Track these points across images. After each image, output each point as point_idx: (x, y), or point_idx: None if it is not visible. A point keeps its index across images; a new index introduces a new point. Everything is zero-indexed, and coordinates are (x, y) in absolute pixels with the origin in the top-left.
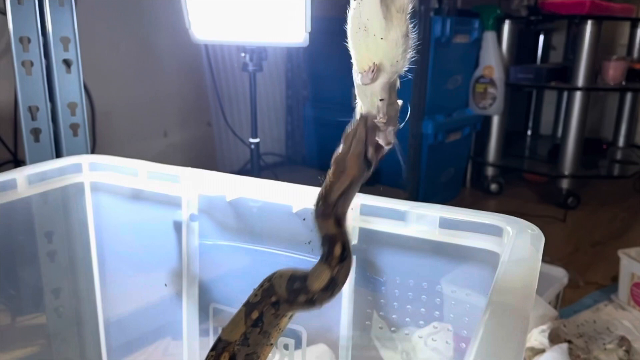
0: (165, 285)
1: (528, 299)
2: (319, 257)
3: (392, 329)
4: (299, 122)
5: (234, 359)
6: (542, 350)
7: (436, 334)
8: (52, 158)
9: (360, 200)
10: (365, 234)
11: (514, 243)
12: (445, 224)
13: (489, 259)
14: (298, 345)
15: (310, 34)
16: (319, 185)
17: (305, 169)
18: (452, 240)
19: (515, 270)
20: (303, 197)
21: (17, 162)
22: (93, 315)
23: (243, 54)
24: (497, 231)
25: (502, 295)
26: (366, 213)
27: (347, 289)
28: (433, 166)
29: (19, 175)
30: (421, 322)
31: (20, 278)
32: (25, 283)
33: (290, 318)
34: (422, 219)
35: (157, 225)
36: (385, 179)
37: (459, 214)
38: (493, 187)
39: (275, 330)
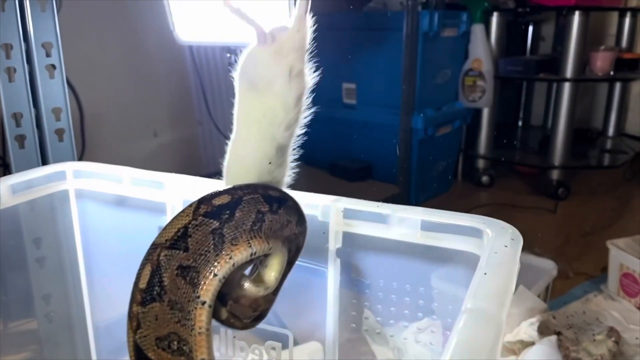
0: None
1: (503, 305)
2: (307, 262)
3: (377, 331)
4: None
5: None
6: (532, 343)
7: (419, 335)
8: (38, 164)
9: (343, 204)
10: (348, 237)
11: (493, 246)
12: (426, 226)
13: (470, 261)
14: (285, 348)
15: None
16: (309, 183)
17: (297, 165)
18: (434, 243)
19: (492, 276)
20: None
21: (6, 165)
22: (82, 320)
23: (229, 55)
24: (477, 233)
25: (476, 302)
26: (349, 217)
27: (332, 292)
28: (424, 160)
29: (2, 186)
30: (405, 324)
31: (10, 284)
32: (16, 289)
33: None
34: (404, 222)
35: (142, 231)
36: (376, 174)
37: (440, 217)
38: (484, 179)
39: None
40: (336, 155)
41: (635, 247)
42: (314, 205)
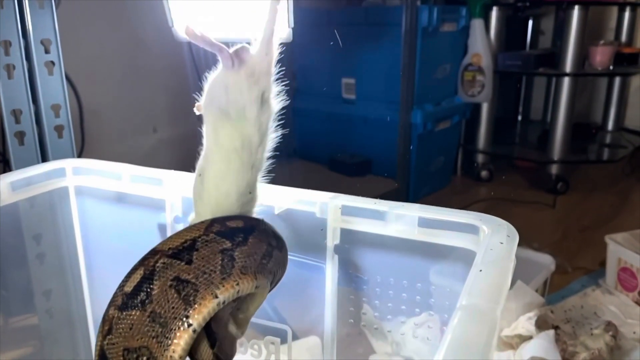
0: None
1: (498, 302)
2: (305, 258)
3: (375, 326)
4: (288, 114)
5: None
6: (530, 337)
7: (417, 330)
8: (38, 161)
9: (340, 201)
10: (346, 234)
11: (489, 242)
12: (423, 223)
13: (467, 257)
14: (284, 343)
15: (294, 27)
16: (308, 178)
17: (296, 161)
18: (431, 240)
19: (487, 273)
20: (285, 198)
21: (6, 160)
22: (83, 315)
23: None
24: (473, 230)
25: (471, 299)
26: (347, 213)
27: (330, 287)
28: (423, 155)
29: (2, 183)
30: (402, 320)
31: (11, 280)
32: (16, 285)
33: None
34: (401, 219)
35: (142, 227)
36: (375, 169)
37: (437, 214)
38: (483, 174)
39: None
40: (335, 150)
41: (633, 242)
42: (312, 202)
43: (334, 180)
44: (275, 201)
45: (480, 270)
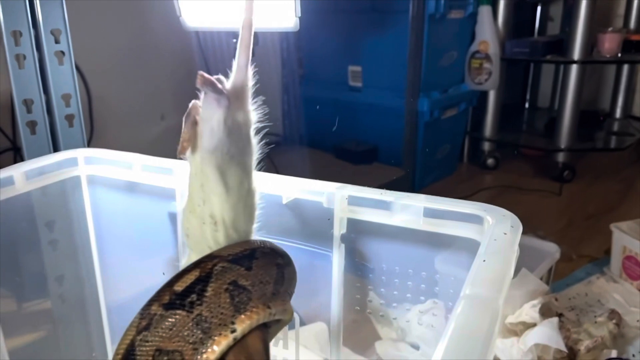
0: (164, 274)
1: (500, 292)
2: (313, 247)
3: (381, 314)
4: (296, 101)
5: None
6: (534, 325)
7: (422, 317)
8: (49, 149)
9: (347, 191)
10: (352, 223)
11: (492, 233)
12: (429, 213)
13: (471, 247)
14: (292, 328)
15: (301, 16)
16: (313, 166)
17: (302, 148)
18: (436, 229)
19: (490, 263)
20: (292, 188)
21: (16, 149)
22: (95, 300)
23: (235, 40)
24: (478, 220)
25: (474, 288)
26: (353, 203)
27: (337, 275)
28: (429, 143)
29: (16, 172)
30: (407, 307)
31: (24, 266)
32: (30, 271)
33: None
34: (407, 209)
35: (152, 216)
36: (382, 157)
37: (442, 204)
38: (490, 162)
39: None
40: (341, 138)
41: (639, 230)
42: (319, 192)
43: (340, 168)
44: (283, 191)
45: (484, 261)
